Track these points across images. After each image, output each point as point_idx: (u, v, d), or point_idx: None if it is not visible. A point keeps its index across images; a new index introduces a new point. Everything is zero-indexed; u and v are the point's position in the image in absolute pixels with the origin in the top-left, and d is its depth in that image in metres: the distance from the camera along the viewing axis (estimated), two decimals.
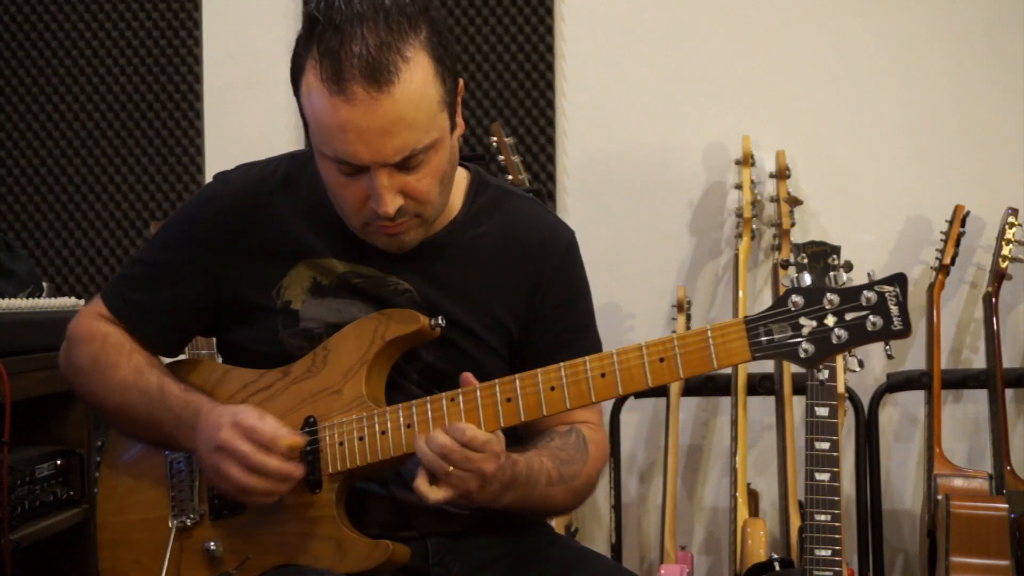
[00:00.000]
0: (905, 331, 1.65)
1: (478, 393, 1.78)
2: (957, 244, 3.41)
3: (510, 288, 1.96)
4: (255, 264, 1.93)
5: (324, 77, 1.73)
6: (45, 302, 2.80)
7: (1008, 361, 3.43)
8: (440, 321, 1.86)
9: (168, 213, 3.82)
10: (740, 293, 3.46)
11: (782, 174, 3.52)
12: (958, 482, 3.23)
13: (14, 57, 3.87)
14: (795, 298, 1.68)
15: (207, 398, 1.90)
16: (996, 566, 3.03)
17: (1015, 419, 3.59)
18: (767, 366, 3.53)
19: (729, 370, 3.46)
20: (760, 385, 3.49)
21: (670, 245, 3.69)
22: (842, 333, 1.66)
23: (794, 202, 3.50)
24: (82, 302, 2.96)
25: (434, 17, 1.79)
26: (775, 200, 3.52)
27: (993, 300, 3.34)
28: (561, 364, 1.76)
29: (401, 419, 1.81)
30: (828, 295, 1.67)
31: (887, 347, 1.70)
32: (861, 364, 1.73)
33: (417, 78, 1.73)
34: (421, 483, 1.77)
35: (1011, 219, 3.36)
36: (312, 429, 1.86)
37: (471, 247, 1.94)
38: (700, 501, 3.70)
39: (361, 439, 1.82)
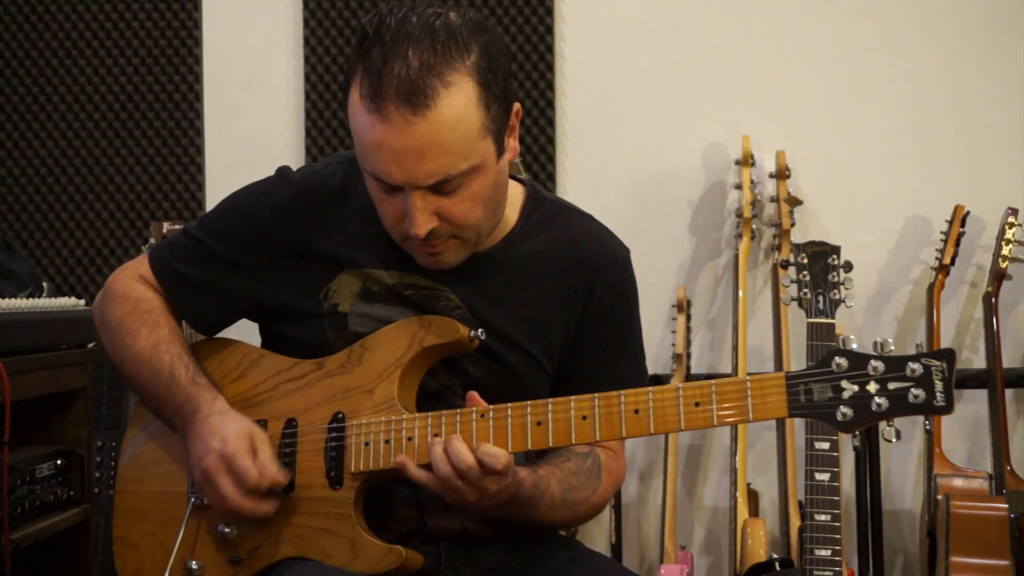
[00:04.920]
0: (947, 408, 1.62)
1: (509, 413, 1.78)
2: (957, 244, 3.41)
3: (563, 304, 1.95)
4: (300, 266, 1.93)
5: (364, 94, 1.73)
6: (45, 302, 2.80)
7: (1008, 361, 3.43)
8: (480, 334, 1.85)
9: (168, 213, 3.82)
10: (740, 293, 3.46)
11: (782, 174, 3.52)
12: (958, 482, 3.22)
13: (14, 57, 3.87)
14: (839, 360, 1.65)
15: (211, 396, 1.90)
16: (996, 566, 3.03)
17: (1015, 419, 3.59)
18: (767, 365, 3.53)
19: (729, 369, 3.46)
20: None
21: (670, 245, 3.69)
22: (883, 402, 1.63)
23: (794, 202, 3.50)
24: (82, 302, 2.96)
25: (488, 41, 1.76)
26: (775, 200, 3.52)
27: (993, 300, 3.34)
28: (595, 395, 1.75)
29: (429, 428, 1.80)
30: (873, 361, 1.64)
31: (926, 421, 1.68)
32: (899, 435, 1.68)
33: (457, 104, 1.72)
34: (408, 462, 1.78)
35: (1011, 219, 3.36)
36: (340, 425, 1.86)
37: (526, 262, 1.94)
38: (700, 501, 3.70)
39: (387, 442, 1.82)
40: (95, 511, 2.94)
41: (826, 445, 2.61)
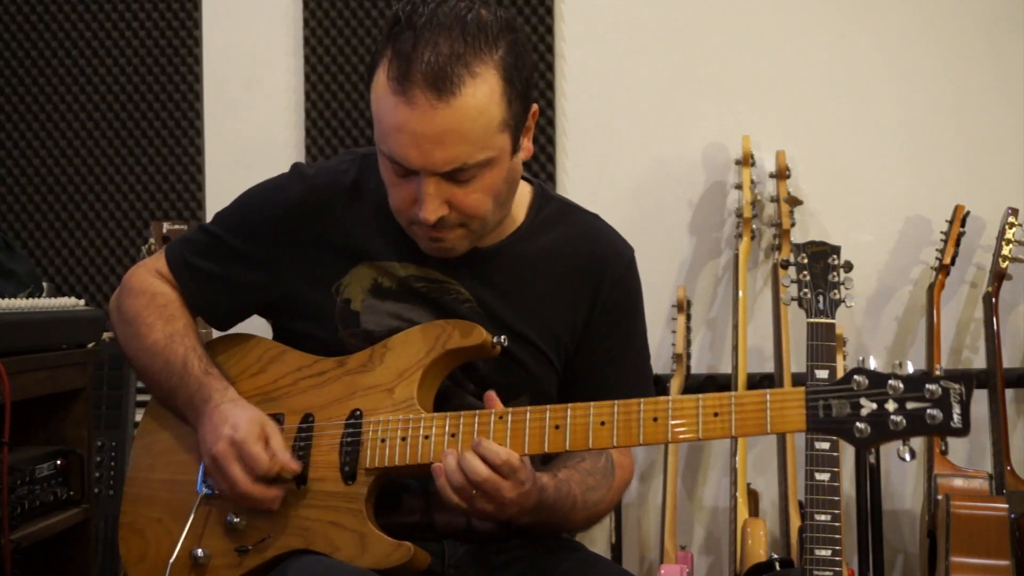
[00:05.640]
0: (964, 431, 1.64)
1: (528, 415, 1.79)
2: (957, 244, 3.41)
3: (570, 301, 1.97)
4: (314, 259, 1.96)
5: (391, 76, 1.75)
6: (45, 302, 2.79)
7: (1008, 361, 3.43)
8: (503, 340, 1.88)
9: (168, 213, 3.82)
10: (740, 293, 3.46)
11: (782, 174, 3.52)
12: (958, 482, 3.22)
13: (14, 57, 3.86)
14: (859, 378, 1.67)
15: (222, 386, 1.93)
16: (996, 566, 3.03)
17: (1015, 419, 3.59)
18: (767, 365, 3.53)
19: (729, 369, 3.46)
20: (760, 385, 3.48)
21: (670, 245, 3.69)
22: (900, 420, 1.65)
23: (794, 202, 3.50)
24: (82, 302, 2.96)
25: (516, 39, 1.80)
26: (775, 200, 3.52)
27: (993, 300, 3.34)
28: (615, 401, 1.77)
29: (447, 427, 1.82)
30: (892, 381, 1.66)
31: (943, 443, 1.69)
32: (913, 455, 1.70)
33: (481, 95, 1.75)
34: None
35: (1011, 219, 3.36)
36: (357, 422, 1.88)
37: (534, 258, 1.96)
38: (700, 501, 3.70)
39: (404, 439, 1.84)
40: (95, 511, 2.94)
41: (826, 445, 2.61)
